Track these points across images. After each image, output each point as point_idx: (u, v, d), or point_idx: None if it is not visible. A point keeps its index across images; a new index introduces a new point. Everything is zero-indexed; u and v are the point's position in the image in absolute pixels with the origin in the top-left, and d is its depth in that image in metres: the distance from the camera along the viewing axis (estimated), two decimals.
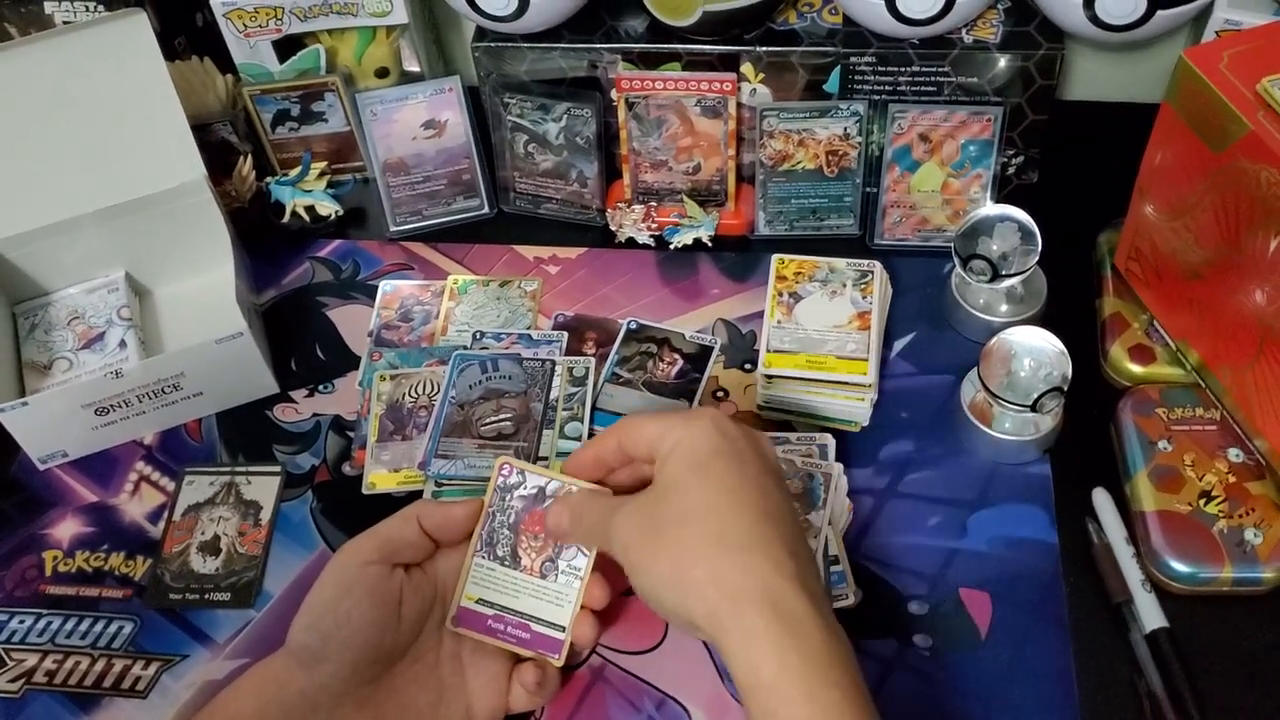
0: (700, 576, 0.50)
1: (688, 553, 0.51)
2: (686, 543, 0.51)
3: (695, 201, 0.85)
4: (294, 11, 0.84)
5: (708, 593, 0.50)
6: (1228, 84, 0.61)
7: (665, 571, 0.52)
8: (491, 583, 0.61)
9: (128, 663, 0.67)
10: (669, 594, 0.52)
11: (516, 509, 0.62)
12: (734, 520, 0.51)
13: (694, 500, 0.52)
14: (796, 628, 0.48)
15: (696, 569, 0.51)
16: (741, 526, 0.51)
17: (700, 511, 0.52)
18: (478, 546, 0.61)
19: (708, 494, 0.52)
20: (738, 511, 0.52)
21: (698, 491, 0.52)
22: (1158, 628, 0.63)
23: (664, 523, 0.53)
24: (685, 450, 0.54)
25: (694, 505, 0.52)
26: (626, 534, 0.54)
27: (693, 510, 0.52)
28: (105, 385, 0.73)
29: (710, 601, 0.50)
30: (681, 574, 0.51)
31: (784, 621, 0.48)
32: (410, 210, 0.88)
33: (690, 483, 0.53)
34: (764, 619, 0.48)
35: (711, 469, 0.53)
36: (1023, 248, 0.75)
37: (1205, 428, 0.69)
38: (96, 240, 0.81)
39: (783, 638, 0.48)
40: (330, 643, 0.56)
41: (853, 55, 0.80)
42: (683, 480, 0.53)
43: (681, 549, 0.51)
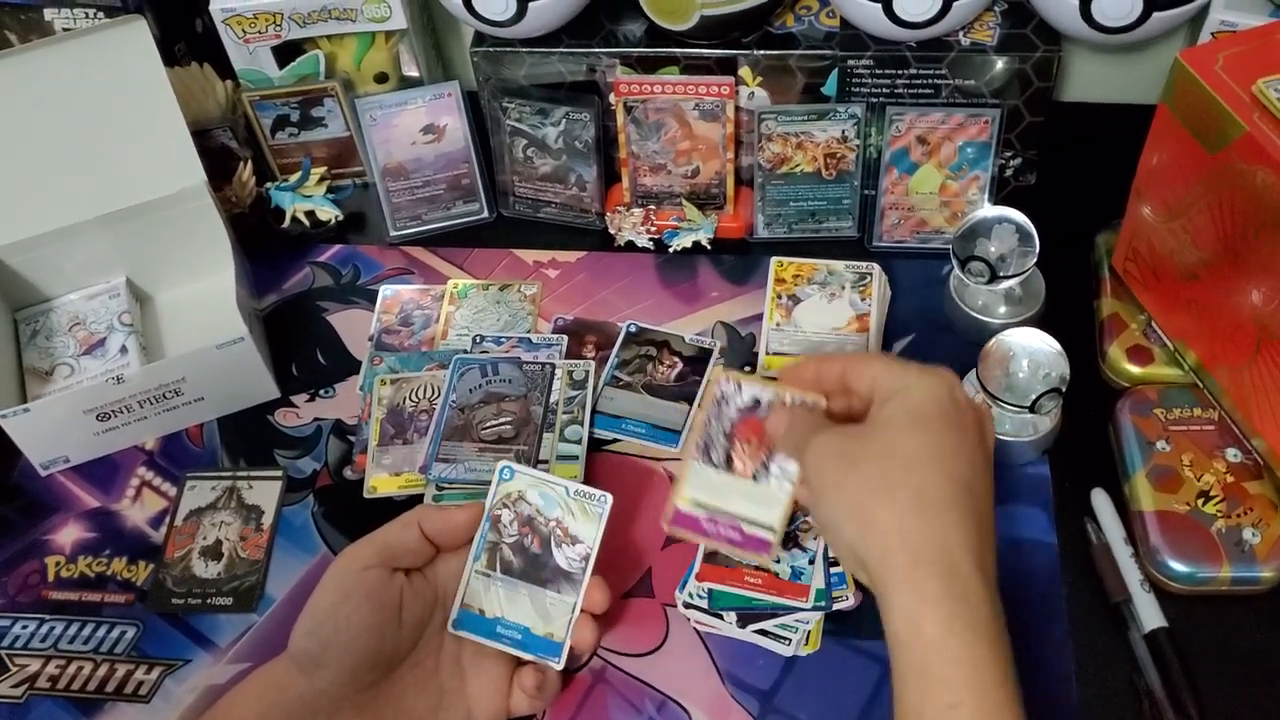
0: (887, 521, 0.50)
1: (882, 494, 0.51)
2: (884, 484, 0.51)
3: (694, 205, 0.86)
4: (293, 17, 0.84)
5: (890, 539, 0.50)
6: (1223, 85, 0.62)
7: (853, 502, 0.51)
8: (707, 485, 0.61)
9: (130, 668, 0.68)
10: (849, 525, 0.51)
11: (732, 418, 0.61)
12: (937, 481, 0.51)
13: (905, 446, 0.52)
14: (967, 600, 0.48)
15: (886, 512, 0.50)
16: (942, 490, 0.50)
17: (908, 459, 0.51)
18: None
19: (921, 446, 0.52)
20: (942, 475, 0.51)
21: (912, 440, 0.52)
22: (1156, 627, 0.63)
23: (867, 456, 0.52)
24: (913, 398, 0.53)
25: (904, 451, 0.52)
26: (824, 453, 0.54)
27: (901, 455, 0.51)
28: (106, 391, 0.73)
29: (890, 549, 0.49)
30: (869, 511, 0.51)
31: (957, 591, 0.48)
32: (410, 215, 0.88)
33: (906, 429, 0.52)
34: (938, 582, 0.48)
35: (932, 425, 0.52)
36: (1021, 249, 0.75)
37: (1203, 428, 0.69)
38: (97, 246, 0.81)
39: (952, 605, 0.48)
40: (330, 648, 0.56)
41: (850, 58, 0.80)
42: (899, 425, 0.53)
43: (877, 487, 0.51)
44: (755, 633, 0.65)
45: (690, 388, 0.76)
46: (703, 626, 0.66)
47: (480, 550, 0.62)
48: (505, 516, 0.62)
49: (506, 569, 0.61)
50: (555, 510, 0.61)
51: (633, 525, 0.70)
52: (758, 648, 0.65)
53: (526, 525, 0.62)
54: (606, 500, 0.60)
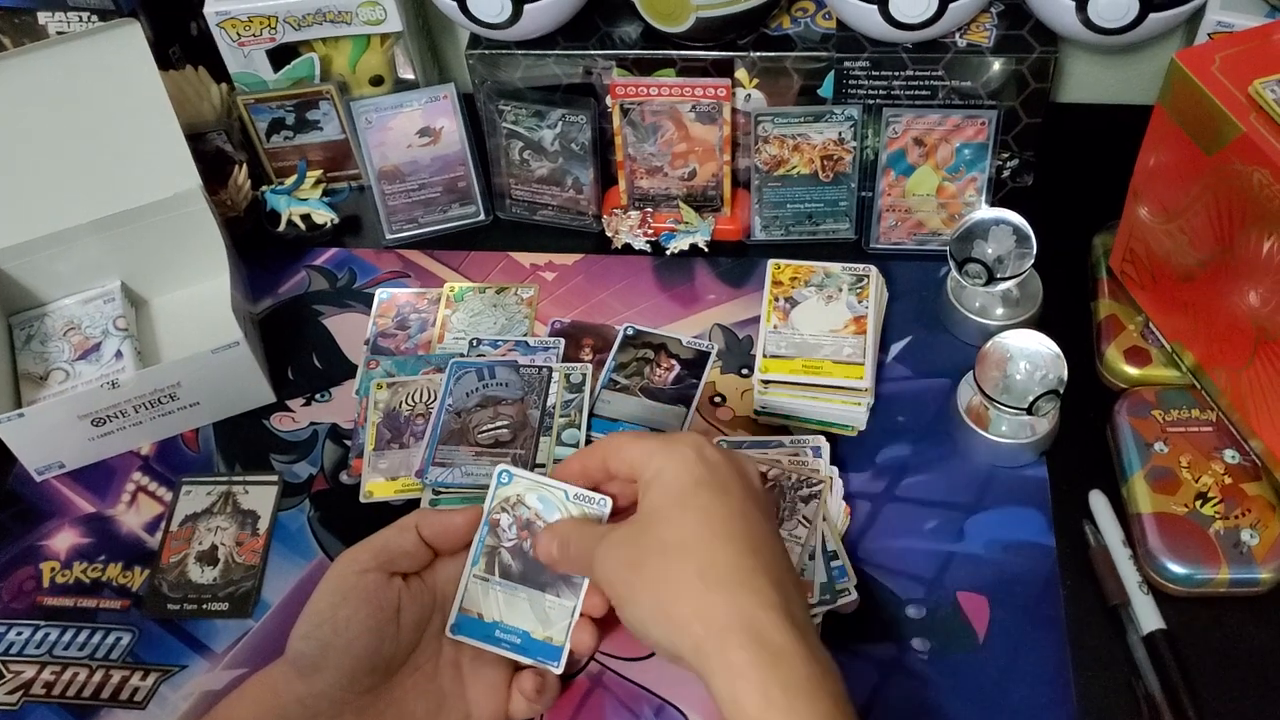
0: (684, 612, 0.50)
1: (671, 588, 0.51)
2: (670, 577, 0.51)
3: (691, 207, 0.85)
4: (288, 20, 0.84)
5: (692, 628, 0.50)
6: (1220, 86, 0.62)
7: (649, 606, 0.52)
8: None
9: (126, 673, 0.67)
10: (654, 629, 0.52)
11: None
12: (717, 554, 0.51)
13: (676, 533, 0.52)
14: (779, 659, 0.48)
15: (680, 605, 0.51)
16: (725, 560, 0.51)
17: (683, 545, 0.52)
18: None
19: (690, 527, 0.52)
20: (721, 544, 0.51)
21: (680, 524, 0.52)
22: (1155, 629, 0.63)
23: (646, 555, 0.53)
24: (668, 480, 0.54)
25: (676, 538, 0.52)
26: (610, 567, 0.54)
27: (675, 543, 0.52)
28: (102, 396, 0.73)
29: (695, 637, 0.50)
30: (665, 609, 0.51)
31: (767, 654, 0.48)
32: (406, 218, 0.88)
33: (673, 514, 0.53)
34: (747, 653, 0.48)
35: (694, 500, 0.53)
36: (1018, 251, 0.75)
37: (1201, 429, 0.69)
38: (92, 250, 0.81)
39: (765, 671, 0.48)
40: (328, 651, 0.56)
41: (847, 60, 0.80)
42: (665, 511, 0.53)
43: (665, 584, 0.51)
44: None
45: (688, 390, 0.76)
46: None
47: (479, 555, 0.61)
48: (504, 520, 0.62)
49: (505, 573, 0.61)
50: (554, 514, 0.61)
51: None
52: None
53: (525, 529, 0.61)
54: (606, 503, 0.60)
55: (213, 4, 0.84)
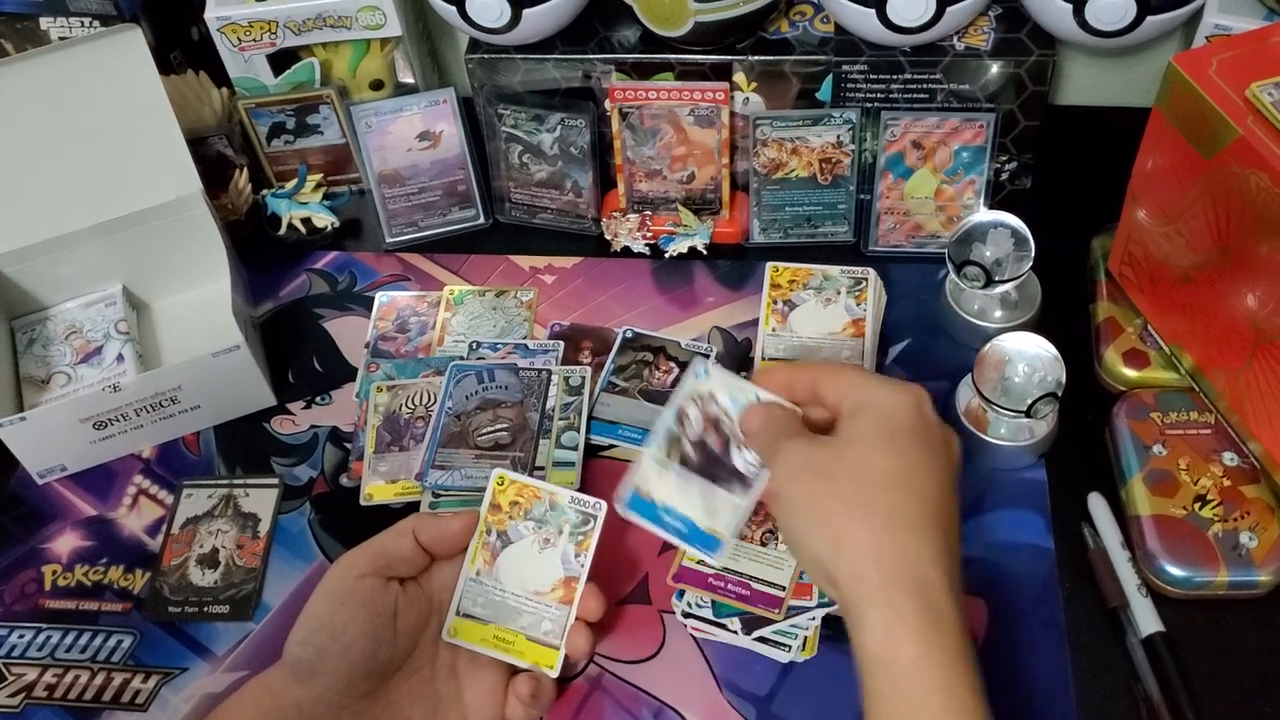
0: (860, 540, 0.50)
1: (855, 511, 0.51)
2: (857, 501, 0.51)
3: (690, 210, 0.86)
4: (288, 25, 0.84)
5: (863, 559, 0.49)
6: (1217, 89, 0.62)
7: (823, 517, 0.51)
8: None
9: (127, 676, 0.68)
10: (817, 541, 0.51)
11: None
12: (909, 501, 0.51)
13: (878, 464, 0.52)
14: (941, 622, 0.49)
15: (859, 531, 0.50)
16: (916, 509, 0.51)
17: (881, 477, 0.51)
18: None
19: (894, 464, 0.52)
20: (916, 495, 0.51)
21: (885, 457, 0.52)
22: (1154, 632, 0.63)
23: (839, 471, 0.52)
24: (885, 413, 0.53)
25: (876, 469, 0.52)
26: (795, 462, 0.54)
27: (874, 474, 0.51)
28: (103, 399, 0.73)
29: (863, 568, 0.49)
30: (840, 529, 0.51)
31: (931, 613, 0.48)
32: (406, 221, 0.88)
33: (879, 446, 0.52)
34: (914, 604, 0.48)
35: (904, 443, 0.52)
36: (1016, 253, 0.75)
37: (1199, 431, 0.69)
38: (93, 254, 0.81)
39: (928, 628, 0.48)
40: (325, 656, 0.56)
41: (845, 63, 0.80)
42: (872, 441, 0.52)
43: (850, 504, 0.51)
44: (756, 640, 0.65)
45: None
46: (700, 634, 0.66)
47: (661, 439, 0.61)
48: (693, 413, 0.61)
49: (684, 461, 0.60)
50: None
51: (629, 532, 0.70)
52: (754, 654, 0.65)
53: (711, 424, 0.61)
54: (796, 412, 0.58)
55: (213, 9, 0.84)
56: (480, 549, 0.61)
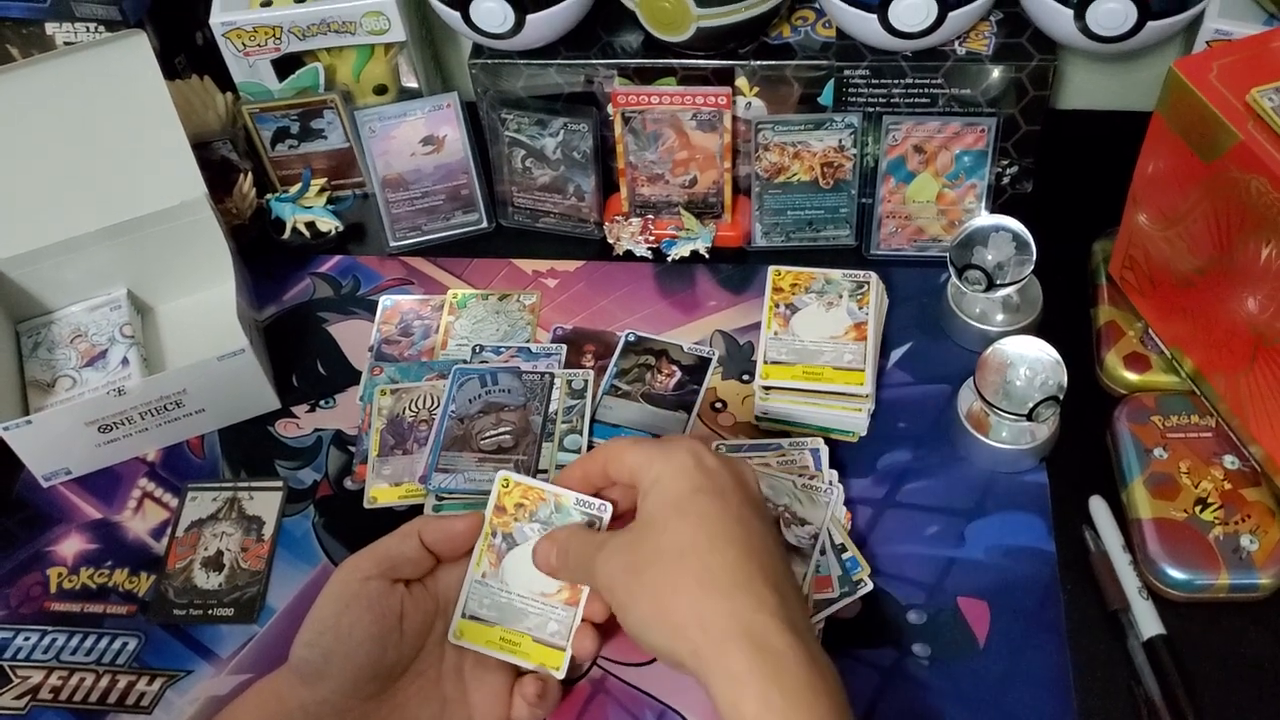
0: (683, 618, 0.51)
1: (670, 594, 0.51)
2: (668, 583, 0.52)
3: (692, 214, 0.86)
4: (292, 30, 0.85)
5: (691, 633, 0.50)
6: (1217, 94, 0.62)
7: (648, 612, 0.52)
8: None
9: (132, 679, 0.68)
10: (654, 634, 0.52)
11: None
12: (715, 560, 0.51)
13: (675, 539, 0.52)
14: (779, 664, 0.48)
15: (679, 610, 0.51)
16: (723, 566, 0.51)
17: (681, 551, 0.52)
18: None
19: (688, 533, 0.52)
20: (719, 550, 0.52)
21: (678, 531, 0.53)
22: (1155, 635, 0.63)
23: (646, 562, 0.53)
24: (666, 486, 0.54)
25: (675, 544, 0.52)
26: (609, 574, 0.55)
27: (673, 550, 0.52)
28: (108, 403, 0.74)
29: (694, 642, 0.50)
30: (665, 615, 0.51)
31: (766, 659, 0.48)
32: (409, 225, 0.89)
33: (671, 521, 0.53)
34: (746, 658, 0.48)
35: (692, 507, 0.53)
36: (1017, 257, 0.75)
37: (1200, 435, 0.69)
38: (98, 258, 0.82)
39: (765, 676, 0.48)
40: (331, 658, 0.56)
41: (846, 68, 0.80)
42: (663, 518, 0.53)
43: (664, 590, 0.52)
44: None
45: (689, 397, 0.76)
46: None
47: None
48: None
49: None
50: (784, 498, 0.65)
51: None
52: None
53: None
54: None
55: (218, 14, 0.85)
56: (486, 551, 0.61)
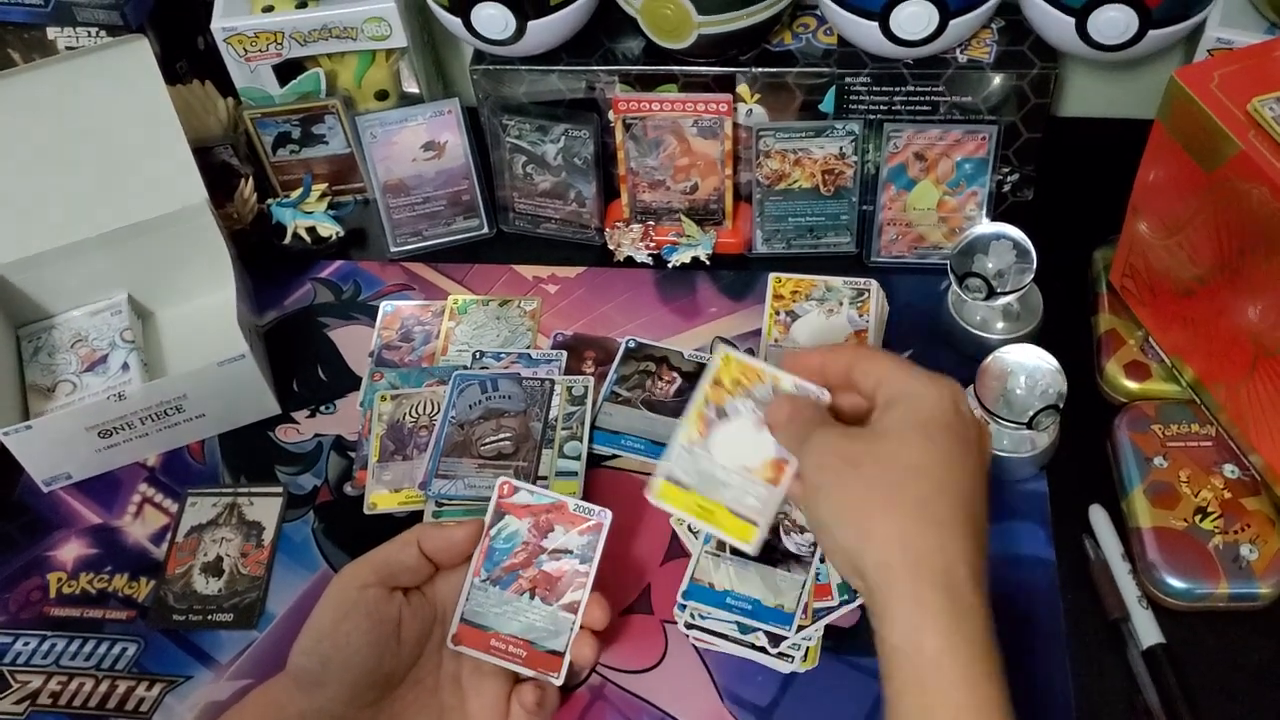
0: (889, 530, 0.50)
1: (884, 501, 0.50)
2: (888, 491, 0.51)
3: (693, 220, 0.86)
4: (294, 36, 0.85)
5: (891, 548, 0.49)
6: (1218, 104, 0.62)
7: (854, 506, 0.51)
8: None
9: (131, 684, 0.68)
10: (846, 529, 0.51)
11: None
12: (940, 494, 0.50)
13: (911, 456, 0.51)
14: (967, 615, 0.48)
15: (888, 521, 0.50)
16: (946, 502, 0.50)
17: (913, 469, 0.51)
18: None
19: (926, 457, 0.51)
20: (947, 489, 0.51)
21: (917, 450, 0.51)
22: (1154, 644, 0.63)
23: (871, 461, 0.52)
24: (919, 406, 0.53)
25: (909, 461, 0.51)
26: (825, 451, 0.53)
27: (906, 464, 0.51)
28: (108, 408, 0.74)
29: (890, 556, 0.49)
30: (869, 518, 0.50)
31: (957, 606, 0.48)
32: (410, 231, 0.89)
33: (912, 438, 0.52)
34: (939, 596, 0.48)
35: (937, 437, 0.52)
36: (1018, 265, 0.75)
37: (1200, 444, 0.69)
38: (99, 263, 0.82)
39: (953, 620, 0.48)
40: (330, 666, 0.56)
41: (848, 75, 0.80)
42: (905, 433, 0.52)
43: (879, 494, 0.51)
44: (758, 650, 0.65)
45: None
46: (702, 644, 0.66)
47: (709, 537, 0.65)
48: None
49: (736, 551, 0.62)
50: (785, 505, 0.63)
51: (632, 542, 0.71)
52: (756, 664, 0.65)
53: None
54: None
55: (220, 20, 0.85)
56: (696, 419, 0.60)
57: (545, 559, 0.62)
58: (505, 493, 0.63)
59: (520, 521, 0.62)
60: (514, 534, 0.62)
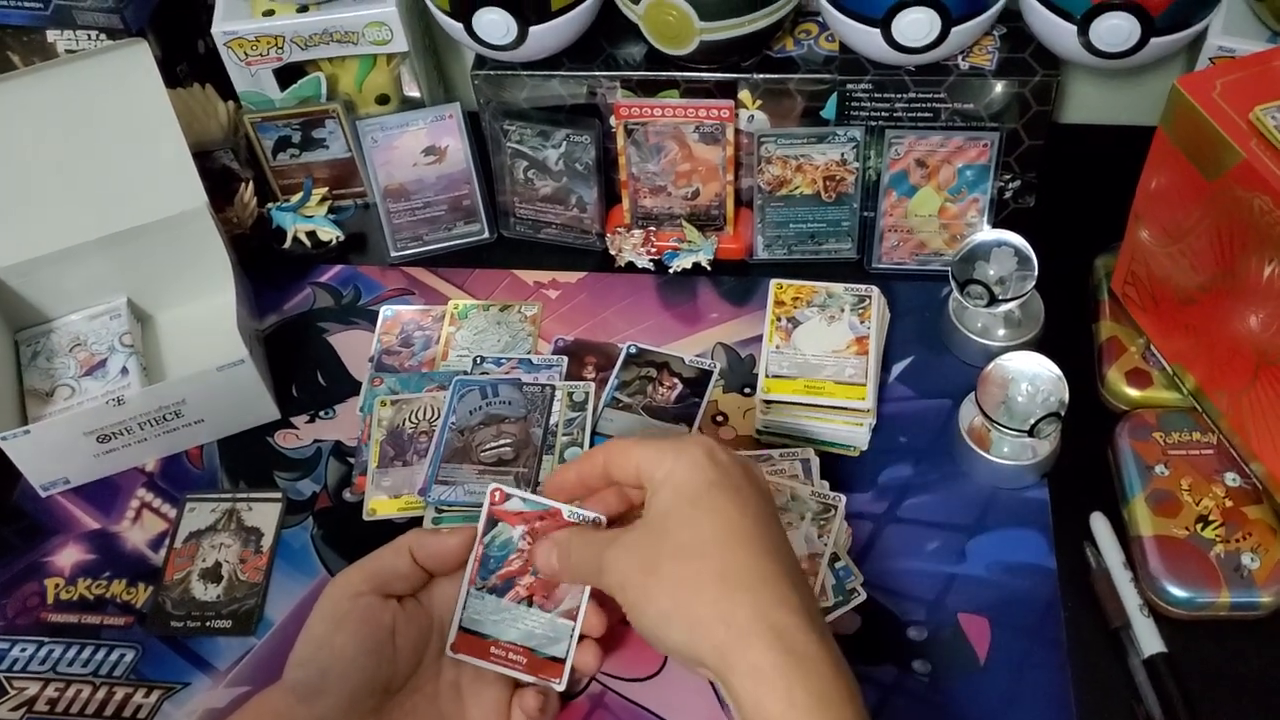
0: (705, 614, 0.50)
1: (692, 590, 0.51)
2: (689, 579, 0.51)
3: (694, 226, 0.86)
4: (294, 40, 0.85)
5: (715, 630, 0.49)
6: (1220, 112, 0.62)
7: (668, 608, 0.51)
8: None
9: (129, 691, 0.68)
10: (673, 631, 0.51)
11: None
12: (737, 556, 0.51)
13: (693, 534, 0.52)
14: (803, 663, 0.48)
15: (702, 606, 0.50)
16: (745, 562, 0.51)
17: (701, 546, 0.51)
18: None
19: (706, 528, 0.52)
20: (740, 547, 0.51)
21: (696, 525, 0.52)
22: (1155, 653, 0.63)
23: (662, 558, 0.52)
24: (680, 482, 0.53)
25: (693, 540, 0.52)
26: (622, 571, 0.54)
27: (692, 545, 0.52)
28: (107, 413, 0.73)
29: (717, 638, 0.49)
30: (686, 611, 0.51)
31: (791, 657, 0.48)
32: (411, 235, 0.88)
33: (687, 516, 0.52)
34: (772, 655, 0.48)
35: (709, 502, 0.53)
36: (1019, 272, 0.75)
37: (1202, 452, 0.69)
38: (99, 267, 0.81)
39: (790, 674, 0.48)
40: (327, 676, 0.56)
41: (849, 82, 0.80)
42: (679, 513, 0.53)
43: (684, 585, 0.51)
44: None
45: (690, 410, 0.76)
46: None
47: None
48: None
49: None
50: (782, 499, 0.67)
51: None
52: None
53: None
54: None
55: (220, 23, 0.84)
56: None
57: None
58: (497, 500, 0.62)
59: (514, 529, 0.62)
60: (508, 541, 0.61)
